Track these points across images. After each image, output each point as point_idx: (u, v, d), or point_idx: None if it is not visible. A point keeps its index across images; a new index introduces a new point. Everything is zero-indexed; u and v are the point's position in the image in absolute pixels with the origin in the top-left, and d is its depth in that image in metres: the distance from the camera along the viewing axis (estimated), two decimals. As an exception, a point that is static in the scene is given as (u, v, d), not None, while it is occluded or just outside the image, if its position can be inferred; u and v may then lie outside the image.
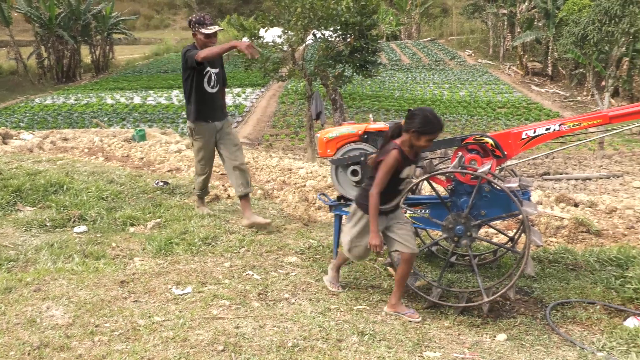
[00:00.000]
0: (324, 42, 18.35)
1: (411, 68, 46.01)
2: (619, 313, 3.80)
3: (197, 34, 5.08)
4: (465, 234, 3.79)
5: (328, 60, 18.06)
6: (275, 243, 4.96)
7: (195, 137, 5.37)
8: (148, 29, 74.46)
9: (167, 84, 39.73)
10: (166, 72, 46.27)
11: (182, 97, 34.30)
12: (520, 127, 3.98)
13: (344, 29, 17.67)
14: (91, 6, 46.91)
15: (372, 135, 4.26)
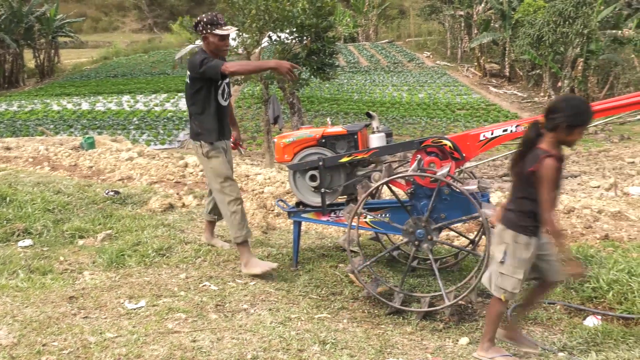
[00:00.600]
0: (280, 45, 18.36)
1: (369, 70, 46.45)
2: (578, 312, 3.91)
3: (209, 36, 4.36)
4: (426, 237, 3.84)
5: (285, 63, 18.06)
6: (233, 252, 4.92)
7: (211, 155, 4.44)
8: (96, 31, 73.04)
9: (117, 89, 39.05)
10: (116, 76, 45.47)
11: (133, 103, 33.80)
12: (478, 129, 4.06)
13: (300, 31, 17.73)
14: (34, 8, 45.73)
15: (330, 140, 4.28)
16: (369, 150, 4.15)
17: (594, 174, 19.09)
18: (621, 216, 7.20)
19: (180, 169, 9.35)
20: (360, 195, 3.86)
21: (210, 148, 4.43)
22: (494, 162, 22.44)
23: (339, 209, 4.36)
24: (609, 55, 32.90)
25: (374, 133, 4.32)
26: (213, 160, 4.45)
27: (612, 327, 3.59)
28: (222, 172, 4.44)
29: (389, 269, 4.81)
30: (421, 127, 29.28)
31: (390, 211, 4.16)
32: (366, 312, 3.88)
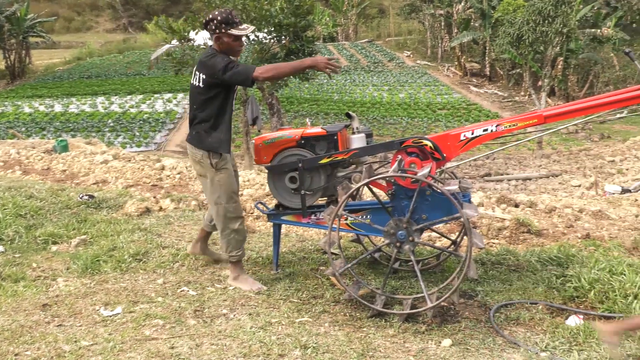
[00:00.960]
0: (258, 44, 18.32)
1: (350, 70, 46.57)
2: (560, 312, 3.96)
3: (224, 36, 4.07)
4: (407, 239, 3.85)
5: (263, 63, 18.01)
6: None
7: (220, 167, 4.19)
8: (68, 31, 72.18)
9: (91, 90, 38.64)
10: (90, 77, 45.00)
11: (108, 104, 33.47)
12: (459, 129, 4.09)
13: (278, 31, 17.70)
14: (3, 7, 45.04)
15: (309, 141, 4.27)
16: (349, 151, 4.16)
17: (575, 173, 19.38)
18: (602, 215, 7.32)
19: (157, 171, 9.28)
20: (341, 196, 3.87)
21: (220, 159, 4.18)
22: (475, 162, 22.64)
23: (319, 211, 4.36)
24: (588, 54, 33.40)
25: (354, 134, 4.33)
26: (222, 173, 4.21)
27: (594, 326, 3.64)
28: (230, 187, 4.24)
29: (370, 271, 4.82)
30: (402, 128, 29.42)
31: (371, 213, 4.17)
32: (348, 315, 3.89)
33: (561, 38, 24.26)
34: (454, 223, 6.14)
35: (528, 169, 21.32)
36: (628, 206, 8.44)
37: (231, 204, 4.25)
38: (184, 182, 8.86)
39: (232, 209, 4.25)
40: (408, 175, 3.82)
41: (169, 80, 39.49)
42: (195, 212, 6.76)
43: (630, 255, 5.45)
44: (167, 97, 35.43)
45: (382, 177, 3.98)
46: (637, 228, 6.59)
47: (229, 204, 4.23)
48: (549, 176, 19.33)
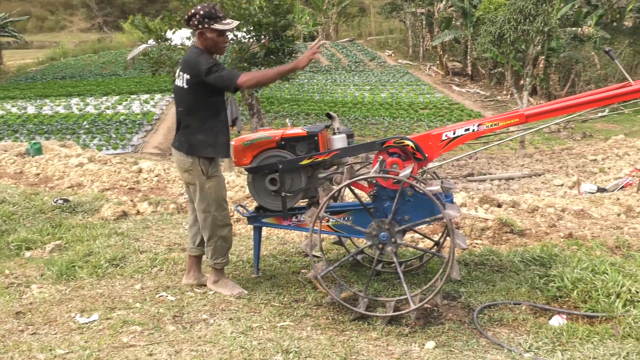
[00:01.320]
0: (237, 44, 18.26)
1: (330, 70, 46.63)
2: (544, 312, 4.00)
3: (207, 31, 3.97)
4: (389, 240, 3.87)
5: (242, 63, 17.96)
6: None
7: (210, 175, 4.10)
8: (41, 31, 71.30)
9: (66, 91, 38.18)
10: (64, 78, 44.49)
11: (83, 106, 33.13)
12: (440, 129, 4.12)
13: (258, 30, 17.66)
14: (-27, 6, 44.42)
15: (289, 142, 4.27)
16: (330, 152, 4.17)
17: (558, 172, 19.60)
18: (584, 214, 7.41)
19: (133, 174, 9.21)
20: (322, 198, 3.87)
21: (211, 166, 4.09)
22: (458, 162, 22.79)
23: (300, 213, 4.37)
24: (569, 53, 33.83)
25: (335, 134, 4.34)
26: (212, 181, 4.11)
27: (577, 326, 3.69)
28: (220, 194, 4.17)
29: (353, 273, 4.83)
30: (384, 128, 29.52)
31: (353, 214, 4.18)
32: (330, 318, 3.89)
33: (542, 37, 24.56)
34: (436, 224, 6.17)
35: (511, 169, 21.52)
36: (610, 205, 8.56)
37: (221, 212, 4.17)
38: (162, 185, 8.80)
39: (221, 217, 4.18)
40: (390, 176, 3.83)
41: (146, 81, 39.18)
42: (174, 216, 6.72)
43: (613, 254, 5.52)
44: (144, 98, 35.15)
45: (363, 178, 3.99)
46: (619, 227, 6.68)
47: (219, 212, 4.16)
48: (532, 176, 19.53)
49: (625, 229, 6.57)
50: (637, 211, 7.84)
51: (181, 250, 5.23)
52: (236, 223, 6.75)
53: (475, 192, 11.59)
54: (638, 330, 3.55)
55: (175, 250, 5.23)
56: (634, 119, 29.75)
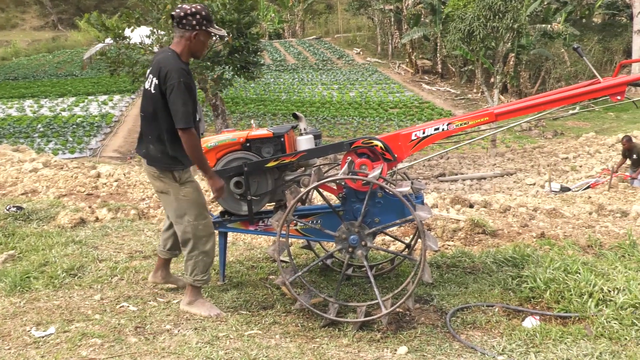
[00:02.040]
0: (199, 42, 18.13)
1: (297, 68, 46.65)
2: (517, 314, 4.07)
3: (202, 34, 3.84)
4: (359, 243, 3.88)
5: (205, 62, 17.85)
6: (153, 269, 4.82)
7: (184, 181, 3.94)
8: (-9, 29, 69.77)
9: (18, 92, 37.42)
10: (16, 79, 43.62)
11: (37, 108, 32.52)
12: (410, 128, 4.16)
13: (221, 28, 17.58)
14: None
15: (255, 143, 4.25)
16: (296, 153, 4.17)
17: (529, 171, 19.94)
18: (556, 213, 7.56)
19: (92, 179, 9.06)
20: (289, 201, 3.87)
21: (184, 172, 3.94)
22: (429, 162, 23.02)
23: (267, 217, 4.36)
24: (539, 50, 34.49)
25: (302, 135, 4.35)
26: (188, 187, 3.94)
27: (551, 326, 3.76)
28: (198, 201, 3.96)
29: (322, 278, 4.84)
30: (353, 128, 29.64)
31: (322, 217, 4.19)
32: (299, 325, 3.88)
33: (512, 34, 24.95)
34: (408, 226, 6.22)
35: (482, 168, 21.82)
36: (582, 203, 8.75)
37: (201, 221, 3.95)
38: (122, 190, 8.68)
39: (202, 226, 3.96)
40: (359, 178, 3.85)
41: (104, 81, 38.67)
42: (135, 222, 6.64)
43: (585, 253, 5.64)
44: (102, 99, 34.66)
45: (331, 180, 4.00)
46: (590, 226, 6.83)
47: (198, 221, 3.94)
48: (504, 175, 19.84)
49: (597, 228, 6.72)
50: (609, 209, 8.03)
51: (143, 258, 5.17)
52: (201, 228, 6.69)
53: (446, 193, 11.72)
54: (611, 330, 3.63)
55: (137, 258, 5.16)
56: (605, 116, 30.46)
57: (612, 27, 41.70)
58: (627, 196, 10.13)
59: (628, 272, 4.50)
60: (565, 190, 13.69)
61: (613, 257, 5.24)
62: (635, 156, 12.62)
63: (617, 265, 4.79)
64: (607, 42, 37.81)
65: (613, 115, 30.34)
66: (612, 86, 3.92)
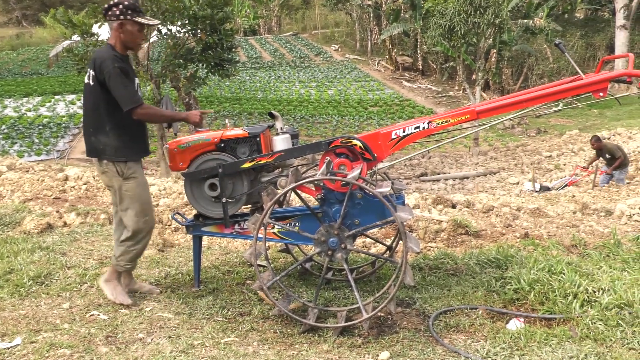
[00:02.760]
0: (171, 39, 18.02)
1: (274, 66, 46.61)
2: (501, 316, 4.11)
3: (128, 24, 4.00)
4: (339, 246, 3.89)
5: (177, 59, 17.74)
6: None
7: (127, 176, 4.09)
8: (-49, 26, 68.60)
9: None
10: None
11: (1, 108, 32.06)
12: (389, 127, 4.17)
13: (194, 24, 17.47)
14: None
15: (229, 143, 4.24)
16: (273, 153, 4.16)
17: (513, 170, 20.14)
18: (540, 213, 7.64)
19: (59, 183, 8.96)
20: (266, 203, 3.86)
21: (127, 167, 4.08)
22: (410, 161, 23.14)
23: (243, 220, 4.35)
24: (521, 46, 34.86)
25: (278, 135, 4.34)
26: (130, 182, 4.10)
27: (535, 329, 3.80)
28: (140, 197, 4.13)
29: (301, 283, 4.84)
30: (332, 127, 29.69)
31: (300, 219, 4.19)
32: (278, 332, 3.88)
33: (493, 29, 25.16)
34: (389, 227, 6.25)
35: (465, 168, 21.99)
36: (566, 202, 8.86)
37: (142, 218, 4.15)
38: (91, 194, 8.60)
39: (142, 223, 4.16)
40: (337, 178, 3.86)
41: (71, 80, 38.22)
42: (105, 227, 6.58)
43: (569, 253, 5.72)
44: (69, 98, 34.27)
45: (309, 181, 4.00)
46: (575, 225, 6.92)
47: (139, 217, 4.14)
48: (487, 174, 20.01)
49: (582, 227, 6.81)
50: (593, 208, 8.14)
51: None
52: (174, 233, 6.66)
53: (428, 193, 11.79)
54: (596, 331, 3.68)
55: (107, 264, 5.11)
56: (588, 113, 30.88)
57: (595, 22, 42.31)
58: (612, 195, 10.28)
59: (613, 272, 4.58)
60: (545, 189, 13.86)
61: (598, 257, 5.31)
62: (608, 155, 12.81)
63: (601, 265, 4.86)
64: (590, 38, 38.32)
65: (596, 113, 30.78)
66: (594, 83, 3.97)
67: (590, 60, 37.57)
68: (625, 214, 7.54)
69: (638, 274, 4.51)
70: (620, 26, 32.84)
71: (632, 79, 4.05)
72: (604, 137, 20.89)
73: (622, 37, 32.59)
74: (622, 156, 12.55)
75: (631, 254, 5.37)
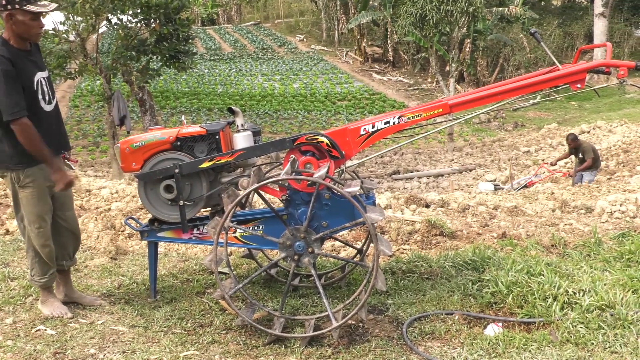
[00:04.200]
0: (122, 29, 17.81)
1: (234, 58, 46.43)
2: (478, 321, 4.15)
3: (17, 13, 3.82)
4: (306, 250, 3.89)
5: (129, 51, 17.53)
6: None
7: (22, 185, 4.01)
8: None
9: None
10: None
11: None
12: (358, 122, 4.19)
13: (146, 13, 17.28)
14: None
15: (186, 142, 4.21)
16: (233, 152, 4.14)
17: (489, 167, 20.39)
18: (518, 211, 7.75)
19: (0, 187, 8.80)
20: (227, 206, 3.84)
21: (24, 175, 3.98)
22: (381, 158, 23.27)
23: (202, 224, 4.32)
24: (497, 35, 35.33)
25: (239, 132, 4.32)
26: (26, 192, 4.03)
27: (514, 333, 3.85)
28: (34, 209, 4.06)
29: (266, 290, 4.83)
30: (298, 123, 29.72)
31: (264, 222, 4.18)
32: (242, 343, 3.87)
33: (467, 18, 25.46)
34: (358, 229, 6.27)
35: (439, 164, 22.19)
36: (544, 200, 9.00)
37: (34, 229, 4.09)
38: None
39: (34, 234, 4.11)
40: (303, 178, 3.86)
41: (13, 75, 37.59)
42: (52, 234, 6.48)
43: (549, 253, 5.81)
44: None
45: (273, 181, 3.99)
46: (554, 224, 7.03)
47: (32, 227, 4.10)
48: (462, 171, 20.23)
49: (561, 226, 6.92)
50: (573, 206, 8.28)
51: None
52: (128, 239, 6.59)
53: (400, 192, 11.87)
54: (577, 334, 3.75)
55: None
56: (567, 106, 31.45)
57: (573, 10, 43.13)
58: (592, 191, 10.48)
59: (594, 272, 4.67)
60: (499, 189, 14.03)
61: (578, 257, 5.41)
62: (581, 155, 12.88)
63: (582, 265, 4.95)
64: (568, 26, 39.01)
65: (575, 105, 31.36)
66: (572, 73, 4.04)
67: (568, 50, 38.25)
68: (606, 211, 7.69)
69: (620, 274, 4.61)
70: (598, 14, 33.52)
71: (611, 69, 4.14)
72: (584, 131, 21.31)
73: (600, 25, 33.27)
74: (592, 158, 12.65)
75: (612, 253, 5.48)
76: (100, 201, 8.28)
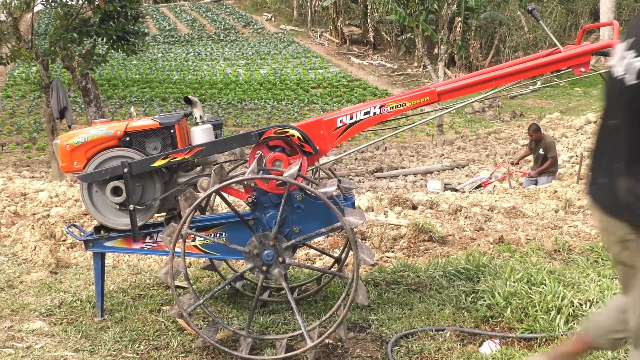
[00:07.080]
0: (61, 8, 17.64)
1: (192, 40, 46.26)
2: (473, 338, 4.18)
3: None
4: (276, 260, 3.88)
5: (70, 32, 17.35)
6: (8, 305, 4.67)
7: None
8: None
9: None
10: None
11: None
12: (334, 113, 4.19)
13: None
14: None
15: (136, 137, 4.19)
16: (191, 148, 4.12)
17: (485, 162, 20.52)
18: (516, 212, 7.82)
19: None
20: (184, 210, 3.82)
21: None
22: (361, 154, 23.30)
23: (156, 232, 4.29)
24: (491, 13, 35.63)
25: (197, 125, 4.31)
26: None
27: (513, 351, 3.88)
28: None
29: (231, 306, 4.82)
30: (267, 114, 29.69)
31: (227, 229, 4.17)
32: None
33: (458, -7, 25.60)
34: (336, 235, 6.28)
35: (428, 160, 22.30)
36: (546, 199, 9.08)
37: None
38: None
39: None
40: (272, 177, 3.85)
41: None
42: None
43: (552, 259, 5.85)
44: None
45: (237, 181, 3.98)
46: (557, 226, 7.10)
47: None
48: (454, 168, 20.34)
49: (565, 228, 6.98)
50: (578, 205, 8.37)
51: None
52: (70, 250, 6.53)
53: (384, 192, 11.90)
54: (583, 351, 3.78)
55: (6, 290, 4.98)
56: (571, 92, 31.79)
57: (577, -16, 43.60)
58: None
59: (602, 281, 4.71)
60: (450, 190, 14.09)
61: (584, 263, 5.46)
62: (541, 150, 12.61)
63: (589, 273, 4.99)
64: (571, 3, 39.39)
65: (580, 91, 31.73)
66: (574, 56, 4.07)
67: (572, 30, 38.67)
68: (616, 211, 7.78)
69: (631, 282, 4.66)
70: (605, -11, 33.86)
71: (619, 51, 4.17)
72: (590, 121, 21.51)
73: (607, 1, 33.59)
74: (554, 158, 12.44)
75: (623, 259, 5.53)
76: (37, 206, 8.20)
